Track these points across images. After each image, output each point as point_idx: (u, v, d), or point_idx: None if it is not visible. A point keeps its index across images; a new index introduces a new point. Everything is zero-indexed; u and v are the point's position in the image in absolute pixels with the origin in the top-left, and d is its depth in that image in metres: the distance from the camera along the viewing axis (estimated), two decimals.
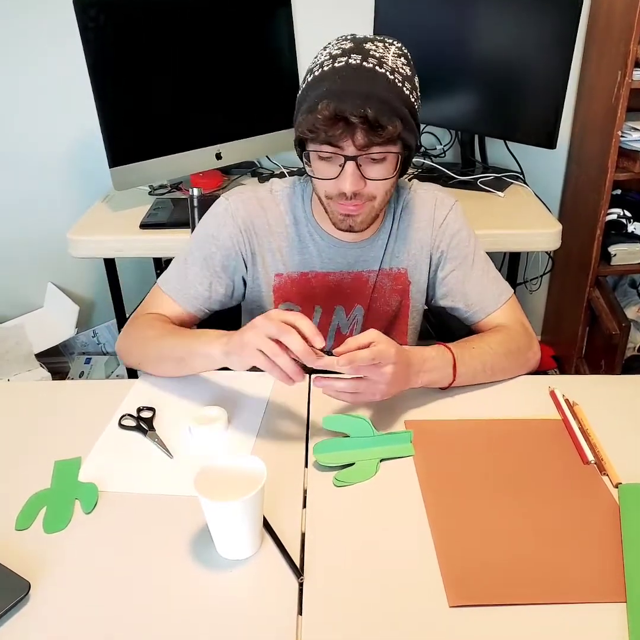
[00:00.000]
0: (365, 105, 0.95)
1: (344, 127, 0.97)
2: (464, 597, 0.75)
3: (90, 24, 1.71)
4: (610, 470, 0.93)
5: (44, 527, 0.85)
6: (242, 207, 1.19)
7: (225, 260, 1.19)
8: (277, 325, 0.91)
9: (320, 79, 0.99)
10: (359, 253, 1.21)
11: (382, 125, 0.96)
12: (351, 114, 0.95)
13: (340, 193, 1.04)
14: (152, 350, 1.12)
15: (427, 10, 2.05)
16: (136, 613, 0.73)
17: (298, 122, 1.03)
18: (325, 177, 1.04)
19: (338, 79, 0.97)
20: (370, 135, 0.97)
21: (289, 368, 0.91)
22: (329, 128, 0.97)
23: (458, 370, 1.07)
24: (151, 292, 1.23)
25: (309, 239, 1.20)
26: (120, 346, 1.20)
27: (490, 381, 1.13)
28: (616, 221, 2.21)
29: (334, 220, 1.11)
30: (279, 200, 1.20)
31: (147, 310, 1.20)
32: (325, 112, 0.96)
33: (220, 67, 1.97)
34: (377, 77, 0.97)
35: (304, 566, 0.79)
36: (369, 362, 0.92)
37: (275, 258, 1.20)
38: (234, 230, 1.18)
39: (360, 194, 1.04)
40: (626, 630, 0.71)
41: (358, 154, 1.00)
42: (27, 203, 2.37)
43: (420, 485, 0.91)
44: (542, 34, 1.86)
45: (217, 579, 0.77)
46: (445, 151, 2.32)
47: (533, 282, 2.53)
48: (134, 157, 1.88)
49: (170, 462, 0.97)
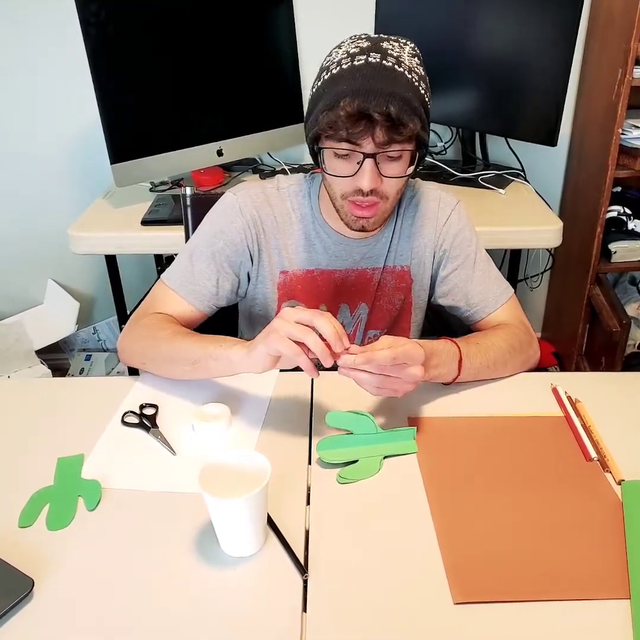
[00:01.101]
0: (388, 103, 0.95)
1: (366, 124, 0.97)
2: (468, 594, 0.75)
3: (91, 19, 1.71)
4: (613, 467, 0.93)
5: (47, 524, 0.85)
6: (250, 203, 1.18)
7: (233, 256, 1.19)
8: (299, 328, 0.90)
9: (339, 77, 0.99)
10: (365, 250, 1.21)
11: (404, 123, 0.97)
12: (374, 111, 0.95)
13: (356, 190, 1.04)
14: (164, 350, 1.08)
15: (428, 8, 2.05)
16: (140, 610, 0.73)
17: (315, 119, 1.02)
18: (342, 174, 1.04)
19: (359, 77, 0.97)
20: (391, 133, 0.98)
21: (306, 367, 0.92)
22: (350, 125, 0.97)
23: (463, 364, 1.07)
24: (155, 288, 1.21)
25: (314, 236, 1.20)
26: (124, 346, 1.16)
27: (492, 377, 1.13)
28: (616, 218, 2.21)
29: (346, 221, 1.10)
30: (286, 197, 1.20)
31: (152, 307, 1.18)
32: (348, 108, 0.96)
33: (222, 63, 1.97)
34: (397, 76, 0.98)
35: (308, 563, 0.79)
36: (391, 361, 0.91)
37: (281, 255, 1.20)
38: (242, 226, 1.17)
39: (375, 190, 1.04)
40: (630, 626, 0.71)
41: (377, 151, 1.00)
42: (28, 199, 2.36)
43: (423, 482, 0.92)
44: (543, 32, 1.86)
45: (221, 576, 0.78)
46: (446, 148, 2.32)
47: (534, 279, 2.53)
48: (135, 154, 1.88)
49: (173, 459, 0.97)
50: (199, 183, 2.05)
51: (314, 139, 1.05)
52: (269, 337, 0.92)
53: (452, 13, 2.02)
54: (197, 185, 2.05)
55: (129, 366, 1.19)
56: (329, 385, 1.11)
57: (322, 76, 1.04)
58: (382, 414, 1.04)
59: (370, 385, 0.96)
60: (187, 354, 1.05)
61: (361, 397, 1.07)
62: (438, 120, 2.17)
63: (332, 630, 0.71)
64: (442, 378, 1.08)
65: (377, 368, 0.93)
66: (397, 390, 0.97)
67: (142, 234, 1.84)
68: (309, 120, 1.06)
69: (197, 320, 1.20)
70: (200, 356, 1.04)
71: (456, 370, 1.07)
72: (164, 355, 1.08)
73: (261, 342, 0.94)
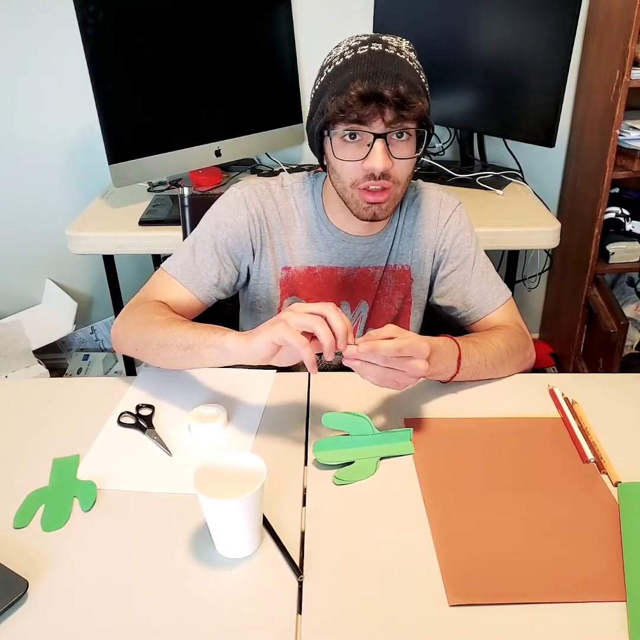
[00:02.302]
0: (396, 84, 0.97)
1: (376, 105, 0.98)
2: (464, 596, 0.75)
3: (89, 20, 1.71)
4: (609, 468, 0.93)
5: (42, 525, 0.85)
6: (256, 198, 1.19)
7: (235, 248, 1.18)
8: (310, 317, 0.89)
9: (344, 66, 1.01)
10: (367, 249, 1.21)
11: (412, 101, 0.99)
12: (385, 89, 0.97)
13: (367, 175, 1.04)
14: (158, 335, 1.05)
15: (425, 10, 2.05)
16: (135, 612, 0.73)
17: (324, 107, 1.03)
18: (353, 159, 1.04)
19: (365, 62, 0.99)
20: (401, 111, 0.99)
21: (309, 361, 0.90)
22: (361, 107, 0.99)
23: (462, 362, 1.07)
24: (154, 276, 1.19)
25: (317, 234, 1.20)
26: (118, 331, 1.14)
27: (490, 377, 1.13)
28: (614, 219, 2.21)
29: (357, 211, 1.10)
30: (289, 194, 1.21)
31: (151, 296, 1.16)
32: (359, 88, 0.97)
33: (220, 64, 1.97)
34: (401, 61, 1.00)
35: (303, 565, 0.79)
36: (395, 353, 0.91)
37: (284, 251, 1.21)
38: (247, 219, 1.17)
39: (387, 174, 1.04)
40: (626, 629, 0.71)
41: (387, 131, 1.01)
42: (26, 199, 2.36)
43: (420, 483, 0.91)
44: (541, 33, 1.86)
45: (216, 577, 0.77)
46: (444, 149, 2.32)
47: (532, 280, 2.53)
48: (133, 154, 1.88)
49: (169, 460, 0.97)
50: (197, 183, 2.05)
51: (322, 127, 1.05)
52: (276, 325, 0.91)
53: (450, 14, 2.02)
54: (195, 185, 2.05)
55: (122, 354, 1.17)
56: (326, 386, 1.11)
57: (324, 72, 1.05)
58: (378, 415, 1.04)
59: (372, 376, 0.95)
60: (180, 340, 1.03)
61: (358, 398, 1.07)
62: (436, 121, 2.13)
63: (327, 632, 0.71)
64: (440, 375, 1.07)
65: (382, 359, 0.92)
66: (399, 383, 0.96)
67: (140, 234, 1.84)
68: (314, 114, 1.07)
69: (196, 310, 1.18)
70: (193, 342, 1.01)
71: (455, 367, 1.07)
72: (158, 340, 1.05)
73: (266, 330, 0.92)
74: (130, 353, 1.14)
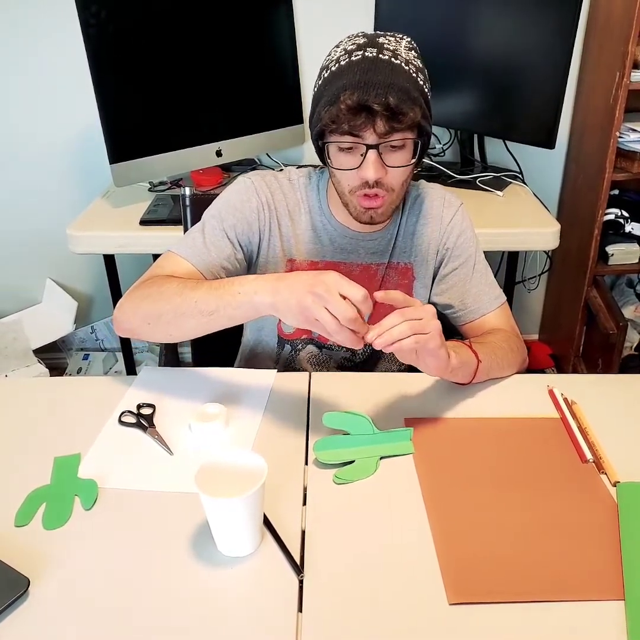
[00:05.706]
0: (387, 94, 0.97)
1: (366, 116, 0.99)
2: (463, 594, 0.75)
3: (91, 19, 1.71)
4: (608, 468, 0.94)
5: (44, 523, 0.85)
6: (266, 187, 1.19)
7: (244, 234, 1.18)
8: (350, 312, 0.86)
9: (339, 73, 1.01)
10: (370, 245, 1.22)
11: (404, 112, 0.99)
12: (374, 102, 0.97)
13: (362, 183, 1.05)
14: (173, 303, 1.01)
15: (426, 10, 2.06)
16: (135, 610, 0.73)
17: (318, 115, 1.04)
18: (347, 167, 1.06)
19: (357, 71, 0.99)
20: (392, 122, 0.99)
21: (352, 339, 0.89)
22: (351, 118, 0.99)
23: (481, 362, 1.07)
24: (161, 258, 1.15)
25: (321, 229, 1.21)
26: (124, 310, 1.09)
27: (498, 377, 1.14)
28: (614, 221, 2.22)
29: (355, 214, 1.11)
30: (296, 188, 1.22)
31: (159, 273, 1.11)
32: (348, 101, 0.98)
33: (221, 64, 1.97)
34: (395, 68, 1.00)
35: (304, 563, 0.79)
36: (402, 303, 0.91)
37: (290, 243, 1.21)
38: (257, 206, 1.18)
39: (381, 182, 1.05)
40: (624, 627, 0.71)
41: (379, 142, 1.02)
42: (27, 199, 2.36)
43: (420, 483, 0.92)
44: (541, 35, 1.87)
45: (217, 576, 0.78)
46: (444, 150, 2.32)
47: (531, 281, 2.54)
48: (134, 154, 1.88)
49: (170, 459, 0.97)
50: (198, 183, 2.05)
51: (319, 135, 1.07)
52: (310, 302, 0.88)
53: (451, 15, 2.03)
54: (196, 185, 2.05)
55: (128, 335, 1.13)
56: (326, 386, 1.12)
57: (322, 75, 1.06)
58: (379, 415, 1.05)
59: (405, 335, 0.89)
60: (202, 306, 0.99)
61: (358, 398, 1.07)
62: (436, 122, 2.14)
63: (327, 631, 0.71)
64: (459, 376, 1.07)
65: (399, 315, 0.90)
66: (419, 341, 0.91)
67: (140, 234, 1.84)
68: (313, 119, 1.08)
69: None
70: (217, 306, 0.98)
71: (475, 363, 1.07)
72: (174, 309, 1.01)
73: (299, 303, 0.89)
74: (140, 331, 1.08)
